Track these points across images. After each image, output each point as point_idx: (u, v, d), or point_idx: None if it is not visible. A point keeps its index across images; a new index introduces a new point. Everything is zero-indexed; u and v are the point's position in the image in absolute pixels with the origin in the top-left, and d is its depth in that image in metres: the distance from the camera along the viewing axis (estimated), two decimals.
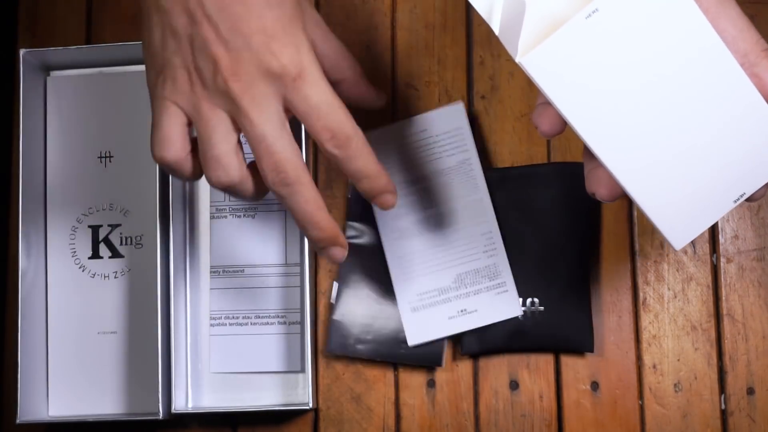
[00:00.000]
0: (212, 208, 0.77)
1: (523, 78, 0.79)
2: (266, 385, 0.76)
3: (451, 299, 0.74)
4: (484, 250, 0.74)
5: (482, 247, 0.74)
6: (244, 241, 0.77)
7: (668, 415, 0.75)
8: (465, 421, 0.76)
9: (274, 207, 0.77)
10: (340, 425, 0.76)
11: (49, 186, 0.78)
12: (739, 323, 0.76)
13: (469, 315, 0.74)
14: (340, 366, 0.77)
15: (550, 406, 0.76)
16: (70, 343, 0.77)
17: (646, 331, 0.76)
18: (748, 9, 0.79)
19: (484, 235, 0.74)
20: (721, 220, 0.77)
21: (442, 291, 0.74)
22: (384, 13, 0.80)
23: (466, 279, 0.74)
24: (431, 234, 0.74)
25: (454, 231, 0.74)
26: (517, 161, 0.78)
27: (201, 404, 0.76)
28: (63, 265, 0.77)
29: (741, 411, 0.75)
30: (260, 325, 0.76)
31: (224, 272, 0.77)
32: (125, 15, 0.82)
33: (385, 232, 0.75)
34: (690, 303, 0.76)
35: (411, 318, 0.74)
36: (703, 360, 0.76)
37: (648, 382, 0.76)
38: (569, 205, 0.75)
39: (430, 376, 0.76)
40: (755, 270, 0.77)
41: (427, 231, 0.75)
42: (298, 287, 0.76)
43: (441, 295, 0.74)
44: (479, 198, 0.74)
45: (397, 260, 0.75)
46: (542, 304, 0.74)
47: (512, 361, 0.76)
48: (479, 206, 0.74)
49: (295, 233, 0.76)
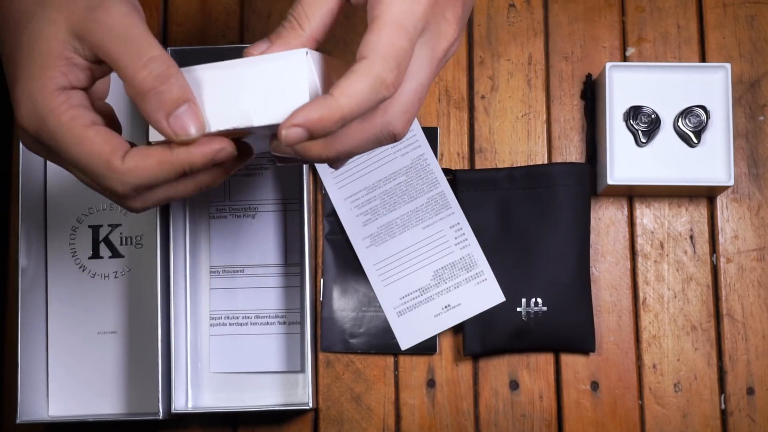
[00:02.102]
0: (212, 208, 0.77)
1: (523, 78, 0.79)
2: (266, 385, 0.76)
3: (433, 297, 0.74)
4: (456, 242, 0.74)
5: (453, 240, 0.74)
6: (244, 241, 0.77)
7: (668, 415, 0.75)
8: (465, 421, 0.76)
9: (274, 207, 0.77)
10: (340, 425, 0.76)
11: (50, 186, 0.78)
12: (739, 323, 0.76)
13: (454, 309, 0.74)
14: (340, 366, 0.77)
15: (550, 406, 0.76)
16: (70, 343, 0.76)
17: (646, 331, 0.76)
18: (749, 9, 0.79)
19: (452, 227, 0.74)
20: (721, 220, 0.77)
21: (423, 290, 0.74)
22: None
23: (444, 274, 0.74)
24: (401, 236, 0.74)
25: (423, 229, 0.74)
26: (517, 161, 0.78)
27: (201, 404, 0.76)
28: (63, 265, 0.77)
29: (741, 411, 0.75)
30: (260, 325, 0.76)
31: (224, 272, 0.77)
32: None
33: (356, 241, 0.75)
34: (690, 303, 0.76)
35: (398, 322, 0.74)
36: (703, 360, 0.76)
37: (648, 382, 0.76)
38: (570, 205, 0.75)
39: (430, 375, 0.76)
40: (755, 270, 0.77)
41: (396, 234, 0.75)
42: (298, 287, 0.76)
43: (423, 295, 0.74)
44: (440, 191, 0.74)
45: (373, 268, 0.75)
46: (545, 304, 0.74)
47: (512, 361, 0.76)
48: (442, 199, 0.74)
49: (295, 233, 0.77)
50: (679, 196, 0.77)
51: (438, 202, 0.74)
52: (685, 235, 0.77)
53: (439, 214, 0.74)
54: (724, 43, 0.79)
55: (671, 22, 0.79)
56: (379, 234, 0.74)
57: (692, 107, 0.75)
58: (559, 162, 0.78)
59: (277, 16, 0.81)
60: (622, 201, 0.78)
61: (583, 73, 0.79)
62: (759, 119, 0.78)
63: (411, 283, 0.74)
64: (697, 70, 0.76)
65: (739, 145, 0.78)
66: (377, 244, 0.74)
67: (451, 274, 0.74)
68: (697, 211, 0.77)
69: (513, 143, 0.78)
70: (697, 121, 0.75)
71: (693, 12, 0.79)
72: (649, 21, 0.79)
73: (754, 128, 0.78)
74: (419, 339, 0.74)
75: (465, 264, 0.74)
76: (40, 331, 0.76)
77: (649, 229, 0.77)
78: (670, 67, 0.76)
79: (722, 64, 0.75)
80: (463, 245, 0.74)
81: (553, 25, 0.80)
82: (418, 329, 0.74)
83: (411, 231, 0.74)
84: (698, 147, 0.75)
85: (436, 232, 0.74)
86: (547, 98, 0.79)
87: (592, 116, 0.78)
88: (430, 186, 0.75)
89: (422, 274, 0.74)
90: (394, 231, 0.74)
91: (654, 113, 0.75)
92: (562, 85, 0.79)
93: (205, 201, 0.78)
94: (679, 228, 0.77)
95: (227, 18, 0.81)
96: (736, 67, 0.78)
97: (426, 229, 0.74)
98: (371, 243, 0.74)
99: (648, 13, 0.79)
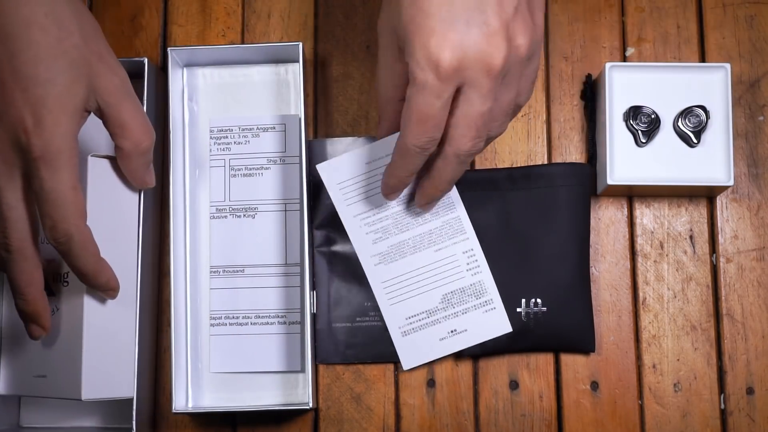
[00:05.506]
0: (212, 208, 0.77)
1: None
2: (266, 385, 0.76)
3: (440, 320, 0.73)
4: (467, 268, 0.73)
5: (465, 266, 0.73)
6: (244, 241, 0.77)
7: (668, 414, 0.75)
8: (465, 421, 0.76)
9: (274, 207, 0.77)
10: (340, 425, 0.76)
11: None
12: (738, 323, 0.76)
13: (460, 335, 0.73)
14: (340, 366, 0.77)
15: (549, 406, 0.76)
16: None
17: (646, 330, 0.76)
18: (749, 9, 0.79)
19: (465, 253, 0.73)
20: (720, 220, 0.77)
21: (430, 313, 0.73)
22: None
23: (452, 299, 0.73)
24: (412, 256, 0.73)
25: (436, 252, 0.73)
26: (517, 161, 0.78)
27: (201, 404, 0.76)
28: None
29: (740, 411, 0.75)
30: (260, 325, 0.76)
31: (224, 272, 0.77)
32: (125, 15, 0.81)
33: (365, 258, 0.73)
34: (690, 303, 0.76)
35: (402, 342, 0.74)
36: (703, 360, 0.76)
37: (648, 382, 0.76)
38: (570, 206, 0.75)
39: (429, 375, 0.76)
40: (755, 270, 0.77)
41: (407, 254, 0.73)
42: (298, 287, 0.76)
43: (430, 317, 0.73)
44: (456, 216, 0.73)
45: (381, 285, 0.74)
46: (545, 304, 0.74)
47: (512, 361, 0.76)
48: (458, 224, 0.73)
49: (295, 233, 0.77)
50: (678, 196, 0.78)
51: (453, 227, 0.73)
52: (684, 235, 0.77)
53: (453, 239, 0.73)
54: (724, 43, 0.79)
55: (671, 23, 0.79)
56: (390, 253, 0.73)
57: (692, 107, 0.75)
58: (559, 162, 0.78)
59: (277, 16, 0.81)
60: (622, 201, 0.78)
61: (583, 73, 0.79)
62: (759, 119, 0.78)
63: (418, 305, 0.73)
64: (696, 70, 0.76)
65: (738, 145, 0.78)
66: (386, 262, 0.73)
67: (460, 299, 0.73)
68: (697, 211, 0.77)
69: (513, 143, 0.78)
70: (696, 121, 0.75)
71: (693, 12, 0.79)
72: (649, 21, 0.79)
73: (754, 128, 0.78)
74: (422, 361, 0.74)
75: (475, 290, 0.73)
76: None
77: (649, 229, 0.77)
78: (669, 67, 0.76)
79: (722, 64, 0.75)
80: (475, 271, 0.73)
81: (553, 25, 0.80)
82: (422, 351, 0.74)
83: (422, 253, 0.73)
84: (698, 147, 0.75)
85: (449, 255, 0.73)
86: (546, 98, 0.79)
87: (592, 116, 0.78)
88: (446, 210, 0.74)
89: (430, 296, 0.73)
90: (405, 251, 0.73)
91: (654, 113, 0.75)
92: (562, 85, 0.79)
93: (205, 201, 0.78)
94: (679, 228, 0.77)
95: (227, 18, 0.81)
96: (736, 67, 0.78)
97: (438, 252, 0.73)
98: (380, 261, 0.73)
99: (648, 13, 0.80)
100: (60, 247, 0.62)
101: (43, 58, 0.59)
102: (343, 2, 0.81)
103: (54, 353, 0.69)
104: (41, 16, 0.59)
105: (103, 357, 0.68)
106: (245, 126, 0.78)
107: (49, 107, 0.59)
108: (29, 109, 0.59)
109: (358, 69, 0.80)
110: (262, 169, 0.77)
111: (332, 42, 0.80)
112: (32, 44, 0.59)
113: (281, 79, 0.79)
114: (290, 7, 0.81)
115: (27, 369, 0.71)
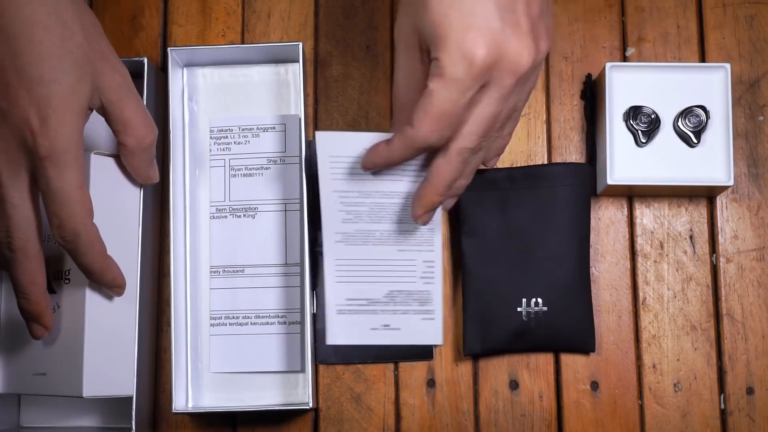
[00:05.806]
0: (212, 208, 0.77)
1: None
2: (266, 385, 0.76)
3: (377, 311, 0.71)
4: (422, 275, 0.72)
5: (421, 273, 0.72)
6: (244, 241, 0.77)
7: (668, 414, 0.75)
8: (465, 421, 0.76)
9: (274, 207, 0.77)
10: (340, 425, 0.76)
11: None
12: (738, 323, 0.76)
13: (391, 331, 0.71)
14: (340, 366, 0.77)
15: (550, 405, 0.76)
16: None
17: (646, 330, 0.76)
18: (749, 9, 0.79)
19: (426, 262, 0.71)
20: (720, 220, 0.77)
21: (371, 302, 0.71)
22: (384, 13, 0.80)
23: (397, 297, 0.71)
24: (374, 247, 0.72)
25: (398, 251, 0.72)
26: (517, 161, 0.78)
27: (201, 404, 0.76)
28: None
29: (740, 411, 0.75)
30: (260, 325, 0.76)
31: (224, 272, 0.77)
32: (125, 15, 0.82)
33: (329, 232, 0.71)
34: (690, 303, 0.76)
35: (335, 319, 0.71)
36: (703, 360, 0.76)
37: (648, 382, 0.76)
38: (570, 205, 0.75)
39: (429, 375, 0.76)
40: (755, 270, 0.77)
41: (370, 243, 0.72)
42: (298, 287, 0.76)
43: (369, 306, 0.71)
44: (431, 228, 0.72)
45: (334, 262, 0.71)
46: (545, 304, 0.74)
47: (512, 361, 0.76)
48: (429, 236, 0.71)
49: (295, 233, 0.76)
50: (678, 196, 0.78)
51: (423, 237, 0.71)
52: (684, 235, 0.77)
53: (419, 246, 0.71)
54: (724, 43, 0.79)
55: (671, 22, 0.79)
56: (354, 236, 0.71)
57: (692, 107, 0.75)
58: (559, 162, 0.78)
59: (277, 16, 0.81)
60: (622, 201, 0.78)
61: (583, 73, 0.79)
62: (759, 119, 0.78)
63: (363, 291, 0.71)
64: (696, 70, 0.76)
65: (738, 145, 0.78)
66: (347, 243, 0.71)
67: (404, 300, 0.72)
68: (697, 211, 0.78)
69: (513, 143, 0.78)
70: (696, 121, 0.75)
71: (693, 12, 0.79)
72: (649, 21, 0.79)
73: (754, 128, 0.78)
74: (348, 341, 0.72)
75: (421, 297, 0.72)
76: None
77: (648, 229, 0.77)
78: (669, 67, 0.76)
79: (722, 64, 0.75)
80: (428, 281, 0.72)
81: (554, 25, 0.80)
82: (351, 332, 0.71)
83: (385, 247, 0.71)
84: (698, 147, 0.75)
85: (409, 259, 0.72)
86: (546, 98, 0.79)
87: (592, 116, 0.78)
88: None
89: (377, 288, 0.72)
90: (369, 240, 0.72)
91: (654, 113, 0.75)
92: (561, 85, 0.79)
93: (205, 201, 0.78)
94: (679, 228, 0.77)
95: (227, 18, 0.81)
96: (736, 67, 0.78)
97: (400, 252, 0.72)
98: (342, 240, 0.71)
99: (648, 13, 0.80)
100: (67, 245, 0.63)
101: (46, 57, 0.59)
102: (343, 2, 0.81)
103: (54, 351, 0.69)
104: (44, 15, 0.60)
105: (105, 354, 0.68)
106: (245, 126, 0.78)
107: (54, 107, 0.59)
108: (34, 109, 0.59)
109: (358, 69, 0.80)
110: (262, 169, 0.77)
111: (332, 42, 0.80)
112: (36, 44, 0.59)
113: (281, 79, 0.79)
114: (290, 7, 0.81)
115: (26, 367, 0.71)
